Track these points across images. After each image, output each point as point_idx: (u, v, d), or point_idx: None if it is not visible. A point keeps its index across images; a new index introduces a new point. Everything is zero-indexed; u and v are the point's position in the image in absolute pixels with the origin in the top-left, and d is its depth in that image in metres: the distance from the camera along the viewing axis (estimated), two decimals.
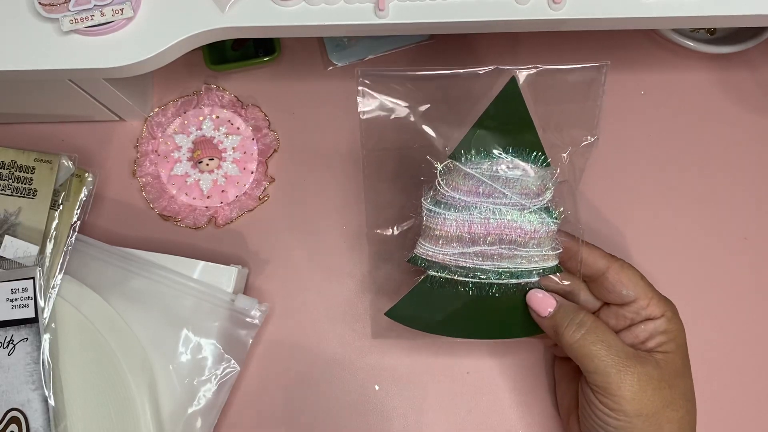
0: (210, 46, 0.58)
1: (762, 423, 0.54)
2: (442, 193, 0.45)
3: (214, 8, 0.42)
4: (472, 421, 0.53)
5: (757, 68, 0.60)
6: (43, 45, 0.42)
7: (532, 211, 0.45)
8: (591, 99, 0.47)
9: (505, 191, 0.44)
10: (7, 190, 0.51)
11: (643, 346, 0.45)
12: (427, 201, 0.46)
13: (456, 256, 0.45)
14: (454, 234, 0.45)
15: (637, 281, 0.45)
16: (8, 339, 0.48)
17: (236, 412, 0.53)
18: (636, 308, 0.45)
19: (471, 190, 0.45)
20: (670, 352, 0.44)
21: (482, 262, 0.45)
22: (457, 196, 0.45)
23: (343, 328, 0.55)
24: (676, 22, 0.44)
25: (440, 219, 0.45)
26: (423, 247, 0.46)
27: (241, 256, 0.56)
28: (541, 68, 0.45)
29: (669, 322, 0.45)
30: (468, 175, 0.45)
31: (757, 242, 0.57)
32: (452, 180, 0.45)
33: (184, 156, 0.57)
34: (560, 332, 0.44)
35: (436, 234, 0.45)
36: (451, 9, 0.42)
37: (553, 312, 0.45)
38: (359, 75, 0.47)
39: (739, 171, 0.58)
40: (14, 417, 0.47)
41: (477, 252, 0.45)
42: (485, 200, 0.44)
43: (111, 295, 0.51)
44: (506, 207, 0.44)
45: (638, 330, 0.45)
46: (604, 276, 0.46)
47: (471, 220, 0.44)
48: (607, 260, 0.46)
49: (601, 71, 0.46)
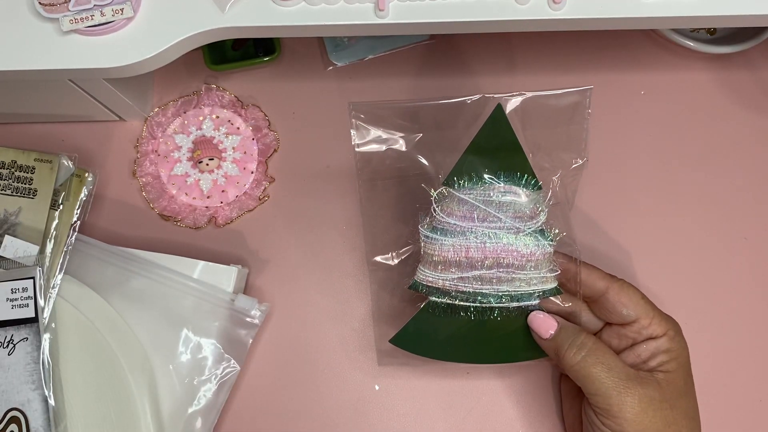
0: (210, 46, 0.58)
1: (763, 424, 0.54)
2: (438, 219, 0.46)
3: (214, 8, 0.42)
4: (472, 421, 0.53)
5: (757, 68, 0.60)
6: (43, 45, 0.42)
7: (527, 234, 0.45)
8: (577, 122, 0.48)
9: (499, 215, 0.45)
10: (7, 189, 0.51)
11: (645, 365, 0.45)
12: (424, 228, 0.47)
13: (455, 281, 0.46)
14: (452, 259, 0.45)
15: (637, 301, 0.45)
16: (8, 339, 0.48)
17: (236, 412, 0.53)
18: (638, 328, 0.45)
19: (465, 215, 0.46)
20: (672, 371, 0.44)
21: (482, 286, 0.46)
22: (453, 222, 0.46)
23: (343, 328, 0.55)
24: (676, 22, 0.44)
25: (437, 245, 0.46)
26: (423, 273, 0.47)
27: (241, 256, 0.56)
28: (527, 95, 0.47)
29: (671, 341, 0.45)
30: (462, 201, 0.46)
31: (757, 242, 0.57)
32: (447, 206, 0.46)
33: (184, 156, 0.57)
34: (561, 354, 0.44)
35: (434, 260, 0.46)
36: (451, 9, 0.42)
37: (555, 334, 0.45)
38: (351, 109, 0.48)
39: (740, 171, 0.58)
40: (14, 417, 0.48)
41: (476, 276, 0.45)
42: (480, 225, 0.45)
43: (111, 295, 0.51)
44: (501, 231, 0.45)
45: (640, 349, 0.45)
46: (605, 296, 0.46)
47: (467, 245, 0.45)
48: (606, 280, 0.46)
49: (585, 95, 0.47)
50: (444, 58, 0.60)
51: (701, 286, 0.56)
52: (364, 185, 0.50)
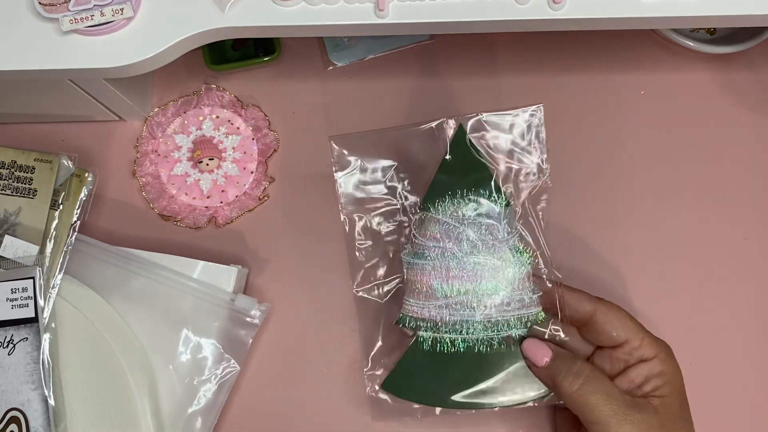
0: (210, 46, 0.58)
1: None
2: (418, 243, 0.47)
3: (214, 8, 0.42)
4: (472, 421, 0.53)
5: (757, 68, 0.60)
6: (43, 45, 0.42)
7: (504, 251, 0.46)
8: (533, 141, 0.49)
9: (474, 232, 0.46)
10: (7, 189, 0.51)
11: (639, 390, 0.44)
12: (405, 254, 0.48)
13: (440, 308, 0.46)
14: (435, 286, 0.46)
15: (625, 322, 0.45)
16: (8, 339, 0.48)
17: (236, 412, 0.53)
18: (628, 349, 0.45)
19: (442, 236, 0.46)
20: (667, 396, 0.44)
21: (467, 313, 0.46)
22: (431, 244, 0.46)
23: (343, 328, 0.55)
24: (676, 22, 0.44)
25: (419, 269, 0.47)
26: (408, 303, 0.47)
27: (241, 256, 0.56)
28: (483, 116, 0.49)
29: (663, 363, 0.44)
30: (437, 222, 0.47)
31: (757, 242, 0.57)
32: (425, 230, 0.47)
33: (184, 156, 0.57)
34: (558, 382, 0.44)
35: (417, 288, 0.47)
36: (451, 9, 0.42)
37: (549, 362, 0.45)
38: (330, 140, 0.50)
39: (740, 171, 0.58)
40: (14, 417, 0.48)
41: (459, 301, 0.45)
42: (457, 244, 0.46)
43: (111, 295, 0.51)
44: (478, 249, 0.46)
45: (633, 374, 0.45)
46: (593, 319, 0.46)
47: (447, 266, 0.46)
48: (593, 303, 0.46)
49: (536, 115, 0.49)
50: (444, 58, 0.60)
51: (701, 286, 0.56)
52: (348, 217, 0.51)
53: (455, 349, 0.46)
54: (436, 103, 0.59)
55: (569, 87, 0.59)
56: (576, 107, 0.59)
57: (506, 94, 0.59)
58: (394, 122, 0.58)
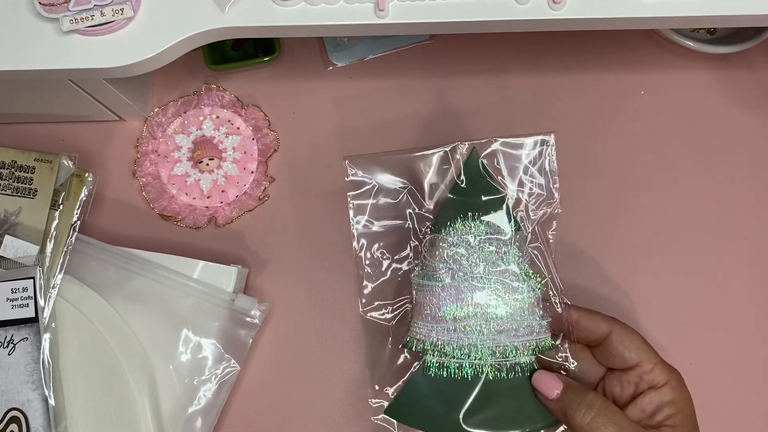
0: (210, 46, 0.58)
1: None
2: (429, 265, 0.47)
3: (214, 8, 0.42)
4: None
5: (757, 68, 0.60)
6: (43, 45, 0.42)
7: (513, 276, 0.46)
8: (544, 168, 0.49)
9: (484, 255, 0.46)
10: (7, 189, 0.51)
11: (651, 420, 0.44)
12: (415, 276, 0.48)
13: (448, 332, 0.46)
14: (443, 305, 0.46)
15: (640, 344, 0.45)
16: (8, 339, 0.48)
17: (236, 412, 0.53)
18: (640, 372, 0.45)
19: (453, 258, 0.46)
20: (679, 425, 0.43)
21: (476, 337, 0.45)
22: (442, 266, 0.46)
23: (343, 328, 0.55)
24: (676, 22, 0.44)
25: (428, 291, 0.47)
26: (416, 326, 0.47)
27: (241, 256, 0.56)
28: (498, 141, 0.49)
29: (674, 391, 0.44)
30: (449, 244, 0.47)
31: (757, 242, 0.57)
32: (436, 252, 0.47)
33: (184, 156, 0.57)
34: (570, 415, 0.44)
35: (427, 310, 0.46)
36: (451, 9, 0.42)
37: (561, 393, 0.45)
38: (345, 161, 0.50)
39: (739, 171, 0.58)
40: (14, 417, 0.48)
41: (468, 325, 0.45)
42: (468, 267, 0.46)
43: (111, 295, 0.51)
44: (488, 273, 0.46)
45: (644, 403, 0.44)
46: (608, 339, 0.46)
47: (457, 288, 0.46)
48: (608, 324, 0.46)
49: (547, 142, 0.49)
50: (444, 58, 0.60)
51: (700, 285, 0.56)
52: (358, 237, 0.51)
53: (462, 373, 0.46)
54: (436, 103, 0.59)
55: (569, 87, 0.59)
56: (576, 107, 0.59)
57: (506, 94, 0.59)
58: (394, 122, 0.58)
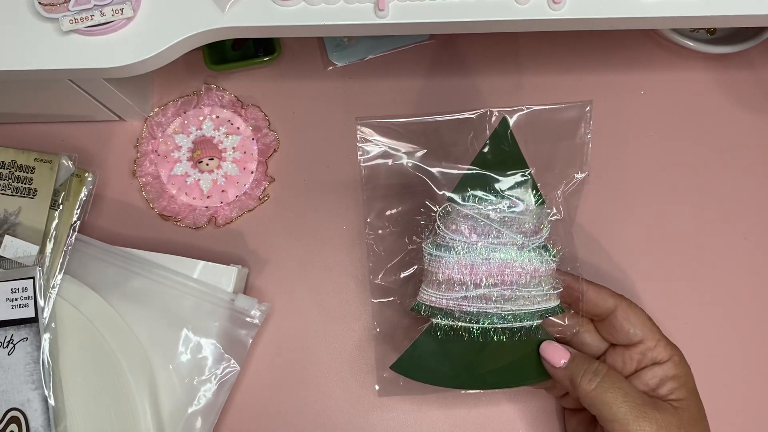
0: (210, 46, 0.58)
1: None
2: (442, 236, 0.46)
3: (214, 8, 0.42)
4: (472, 421, 0.53)
5: (757, 68, 0.60)
6: (43, 45, 0.42)
7: (531, 249, 0.45)
8: (578, 136, 0.48)
9: (503, 230, 0.45)
10: (7, 189, 0.51)
11: (654, 393, 0.44)
12: (427, 245, 0.46)
13: (459, 300, 0.45)
14: (456, 277, 0.45)
15: (644, 321, 0.46)
16: (8, 339, 0.48)
17: (236, 412, 0.53)
18: (643, 349, 0.45)
19: (470, 230, 0.45)
20: (683, 398, 0.44)
21: (485, 306, 0.45)
22: (457, 238, 0.45)
23: (343, 328, 0.55)
24: (676, 22, 0.44)
25: (442, 262, 0.45)
26: (426, 293, 0.46)
27: (241, 256, 0.56)
28: (529, 109, 0.47)
29: (677, 367, 0.45)
30: (466, 216, 0.45)
31: (757, 242, 0.57)
32: (451, 222, 0.46)
33: (184, 156, 0.57)
34: (576, 382, 0.44)
35: (438, 278, 0.45)
36: (451, 9, 0.42)
37: (568, 362, 0.45)
38: (357, 124, 0.48)
39: (739, 171, 0.58)
40: (14, 417, 0.48)
41: (480, 295, 0.45)
42: (484, 239, 0.45)
43: (111, 295, 0.51)
44: (505, 246, 0.45)
45: (647, 377, 0.45)
46: (613, 315, 0.46)
47: (472, 262, 0.45)
48: (615, 299, 0.46)
49: (585, 109, 0.47)
50: (444, 58, 0.60)
51: (699, 286, 0.56)
52: (368, 203, 0.50)
53: (470, 337, 0.46)
54: (436, 102, 0.59)
55: (569, 87, 0.59)
56: None
57: (506, 94, 0.59)
58: None
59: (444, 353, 0.47)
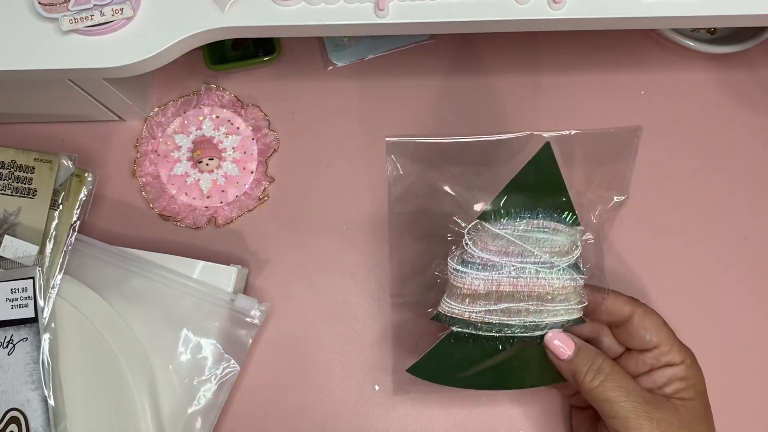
0: (210, 46, 0.58)
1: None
2: (470, 253, 0.45)
3: (214, 8, 0.42)
4: (472, 421, 0.53)
5: (757, 68, 0.60)
6: (43, 45, 0.42)
7: (561, 269, 0.45)
8: (623, 160, 0.47)
9: (535, 251, 0.44)
10: (6, 190, 0.51)
11: (660, 391, 0.45)
12: (453, 260, 0.46)
13: (483, 314, 0.45)
14: (481, 292, 0.45)
15: (660, 327, 0.46)
16: (8, 339, 0.48)
17: (236, 412, 0.53)
18: (657, 354, 0.45)
19: (500, 250, 0.45)
20: (689, 399, 0.44)
21: (509, 318, 0.45)
22: (486, 256, 0.45)
23: (343, 328, 0.55)
24: (676, 22, 0.44)
25: (468, 278, 0.45)
26: (448, 305, 0.46)
27: (241, 256, 0.56)
28: (576, 132, 0.46)
29: (688, 369, 0.45)
30: (498, 236, 0.45)
31: (757, 242, 0.57)
32: (480, 240, 0.45)
33: (184, 156, 0.57)
34: (579, 378, 0.44)
35: (462, 293, 0.45)
36: (451, 9, 0.42)
37: (572, 356, 0.45)
38: (387, 145, 0.48)
39: (740, 171, 0.58)
40: (14, 417, 0.47)
41: (504, 309, 0.45)
42: (514, 260, 0.44)
43: (111, 295, 0.51)
44: (535, 266, 0.44)
45: (656, 375, 0.45)
46: (629, 321, 0.46)
47: (499, 279, 0.44)
48: (631, 306, 0.46)
49: (635, 134, 0.47)
50: (444, 57, 0.60)
51: (700, 286, 0.56)
52: (395, 218, 0.50)
53: (489, 344, 0.46)
54: (436, 102, 0.59)
55: (569, 87, 0.59)
56: (576, 107, 0.59)
57: (505, 95, 0.59)
58: (395, 122, 0.58)
59: (463, 358, 0.47)
